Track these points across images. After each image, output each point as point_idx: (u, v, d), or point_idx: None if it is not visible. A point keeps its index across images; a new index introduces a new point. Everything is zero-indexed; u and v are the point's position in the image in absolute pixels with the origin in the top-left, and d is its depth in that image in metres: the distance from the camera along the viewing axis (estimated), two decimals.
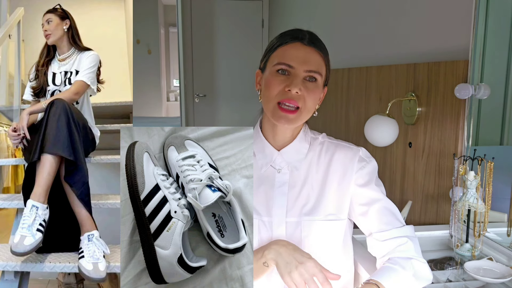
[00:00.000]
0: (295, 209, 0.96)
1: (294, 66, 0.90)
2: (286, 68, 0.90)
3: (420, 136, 1.49)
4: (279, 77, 0.90)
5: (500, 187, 1.14)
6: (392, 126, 1.43)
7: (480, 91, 1.17)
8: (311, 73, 0.90)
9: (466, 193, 1.13)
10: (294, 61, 0.90)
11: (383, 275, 0.87)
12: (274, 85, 0.90)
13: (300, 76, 0.90)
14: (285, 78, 0.90)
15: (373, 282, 0.84)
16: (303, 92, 0.89)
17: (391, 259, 0.90)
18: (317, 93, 0.92)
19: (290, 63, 0.90)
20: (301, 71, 0.90)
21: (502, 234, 1.16)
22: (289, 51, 0.91)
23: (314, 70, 0.90)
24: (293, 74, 0.90)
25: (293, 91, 0.88)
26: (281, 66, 0.90)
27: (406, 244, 0.91)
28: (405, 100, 1.54)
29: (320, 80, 0.92)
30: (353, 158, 0.97)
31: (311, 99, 0.91)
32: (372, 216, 0.95)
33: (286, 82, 0.89)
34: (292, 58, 0.90)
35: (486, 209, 1.12)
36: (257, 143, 1.00)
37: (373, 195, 0.96)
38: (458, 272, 1.09)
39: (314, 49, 0.92)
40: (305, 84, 0.90)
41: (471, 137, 1.25)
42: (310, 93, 0.90)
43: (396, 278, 0.86)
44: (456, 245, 1.20)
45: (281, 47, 0.93)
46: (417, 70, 1.50)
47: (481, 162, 1.13)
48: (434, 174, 1.42)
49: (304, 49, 0.91)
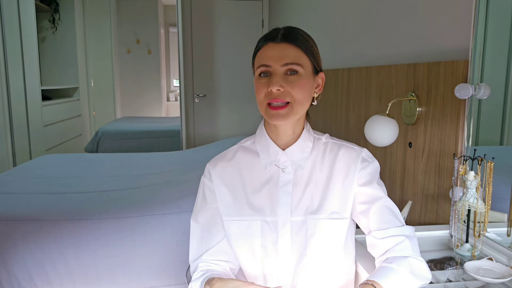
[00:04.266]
0: (300, 208, 0.96)
1: (270, 65, 0.93)
2: (266, 69, 0.93)
3: (420, 136, 1.49)
4: (262, 80, 0.94)
5: (500, 187, 1.14)
6: (392, 126, 1.43)
7: (480, 91, 1.17)
8: (288, 66, 0.92)
9: (466, 193, 1.13)
10: (270, 60, 0.93)
11: (381, 275, 0.87)
12: (259, 89, 0.94)
13: (278, 73, 0.92)
14: (267, 79, 0.93)
15: (370, 283, 0.85)
16: (285, 87, 0.91)
17: (389, 258, 0.91)
18: (304, 84, 0.93)
19: (266, 63, 0.93)
20: (278, 67, 0.92)
21: (502, 234, 1.16)
22: (264, 52, 0.95)
23: (290, 63, 0.92)
24: (273, 73, 0.93)
25: (273, 89, 0.91)
26: (261, 69, 0.94)
27: (404, 243, 0.92)
28: (405, 100, 1.54)
29: (303, 70, 0.94)
30: (357, 158, 0.99)
31: (297, 92, 0.92)
32: (372, 214, 0.95)
33: (268, 83, 0.92)
34: (267, 58, 0.93)
35: (486, 209, 1.12)
36: (261, 142, 1.01)
37: (374, 194, 0.96)
38: (458, 272, 1.09)
39: (287, 44, 0.94)
40: (287, 79, 0.92)
41: (471, 137, 1.25)
42: (294, 86, 0.92)
43: (393, 277, 0.86)
44: (456, 245, 1.20)
45: (259, 52, 0.97)
46: (417, 70, 1.50)
47: (481, 162, 1.13)
48: (434, 174, 1.42)
49: (276, 46, 0.94)
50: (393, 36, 1.82)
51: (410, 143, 1.56)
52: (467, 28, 1.25)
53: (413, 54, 1.64)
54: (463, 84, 1.18)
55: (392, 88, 1.70)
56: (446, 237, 1.30)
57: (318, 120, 2.65)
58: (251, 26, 4.50)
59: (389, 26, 1.85)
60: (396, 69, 1.67)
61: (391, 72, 1.71)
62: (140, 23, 6.93)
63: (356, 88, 2.08)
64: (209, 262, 1.00)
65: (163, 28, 7.74)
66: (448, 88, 1.33)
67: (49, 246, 1.76)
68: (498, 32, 1.24)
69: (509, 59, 1.20)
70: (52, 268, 1.74)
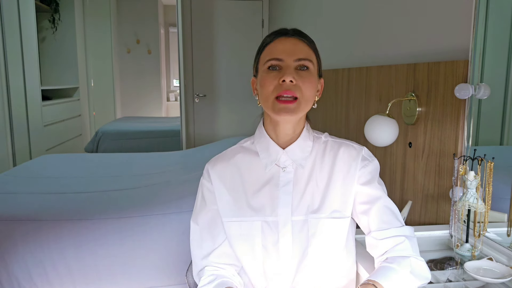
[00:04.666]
0: (301, 208, 0.96)
1: (283, 59, 0.92)
2: (277, 63, 0.92)
3: (420, 136, 1.49)
4: (271, 73, 0.92)
5: (500, 187, 1.14)
6: (392, 126, 1.43)
7: (480, 91, 1.17)
8: (301, 62, 0.92)
9: (466, 193, 1.13)
10: (282, 54, 0.92)
11: (381, 275, 0.87)
12: (268, 81, 0.92)
13: (291, 67, 0.92)
14: (277, 73, 0.92)
15: (371, 283, 0.84)
16: (297, 81, 0.91)
17: (389, 258, 0.91)
18: (313, 81, 0.93)
19: (278, 56, 0.92)
20: (291, 61, 0.92)
21: (502, 234, 1.16)
22: (275, 46, 0.94)
23: (303, 58, 0.92)
24: (284, 66, 0.92)
25: (287, 80, 0.89)
26: (271, 62, 0.93)
27: (404, 243, 0.91)
28: (405, 100, 1.54)
29: (313, 68, 0.94)
30: (357, 157, 0.98)
31: (307, 88, 0.92)
32: (372, 214, 0.95)
33: (279, 75, 0.91)
34: (279, 52, 0.92)
35: (486, 209, 1.12)
36: (261, 142, 1.01)
37: (374, 194, 0.96)
38: (458, 272, 1.09)
39: (299, 39, 0.95)
40: (298, 73, 0.92)
41: (471, 137, 1.25)
42: (305, 81, 0.92)
43: (393, 277, 0.86)
44: (456, 245, 1.20)
45: (268, 46, 0.96)
46: (417, 70, 1.50)
47: (481, 162, 1.13)
48: (434, 174, 1.42)
49: (289, 40, 0.94)
50: (393, 36, 1.82)
51: (410, 143, 1.55)
52: (467, 28, 1.25)
53: (413, 54, 1.64)
54: (463, 84, 1.18)
55: (392, 88, 1.70)
56: (446, 237, 1.30)
57: (318, 120, 2.65)
58: (251, 26, 4.50)
59: (389, 26, 1.85)
60: (396, 69, 1.67)
61: (391, 72, 1.71)
62: (140, 23, 6.93)
63: (356, 88, 2.08)
64: (215, 265, 0.99)
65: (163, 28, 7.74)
66: (448, 88, 1.33)
67: (49, 246, 1.76)
68: (498, 32, 1.24)
69: (509, 59, 1.20)
70: (52, 268, 1.74)
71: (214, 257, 0.99)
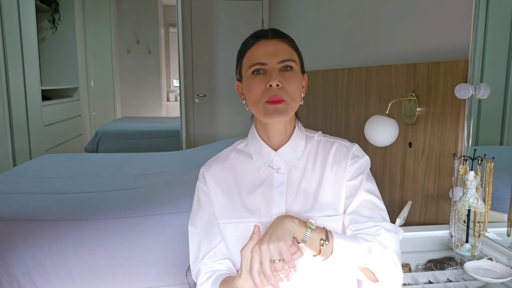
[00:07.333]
0: (295, 207, 0.96)
1: (266, 62, 0.92)
2: (260, 67, 0.93)
3: (420, 136, 1.49)
4: (257, 78, 0.93)
5: (500, 187, 1.14)
6: (392, 126, 1.43)
7: (480, 91, 1.17)
8: (285, 63, 0.93)
9: (466, 193, 1.13)
10: (265, 58, 0.92)
11: (341, 235, 0.86)
12: (255, 86, 0.92)
13: (275, 69, 0.92)
14: (263, 76, 0.92)
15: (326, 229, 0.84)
16: (283, 83, 0.91)
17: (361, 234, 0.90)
18: (297, 80, 0.94)
19: (262, 60, 0.93)
20: (275, 64, 0.92)
21: (502, 234, 1.16)
22: (257, 50, 0.94)
23: (286, 59, 0.93)
24: (269, 70, 0.92)
25: (273, 84, 0.90)
26: (254, 67, 0.93)
27: (380, 232, 0.89)
28: (405, 100, 1.54)
29: (296, 66, 0.95)
30: (347, 154, 0.99)
31: (292, 88, 0.93)
32: (352, 206, 0.94)
33: (265, 79, 0.92)
34: (262, 56, 0.93)
35: (486, 209, 1.12)
36: (254, 144, 1.02)
37: (356, 185, 0.96)
38: (458, 272, 1.09)
39: (279, 40, 0.95)
40: (283, 75, 0.92)
41: (471, 137, 1.25)
42: (290, 82, 0.92)
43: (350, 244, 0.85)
44: (456, 245, 1.20)
45: (249, 51, 0.96)
46: (417, 70, 1.50)
47: (481, 162, 1.13)
48: (434, 174, 1.42)
49: (270, 43, 0.94)
50: (393, 36, 1.82)
51: (410, 143, 1.55)
52: (467, 28, 1.25)
53: (413, 54, 1.64)
54: (463, 84, 1.18)
55: (392, 88, 1.70)
56: (446, 237, 1.30)
57: (318, 120, 2.65)
58: (251, 26, 4.50)
59: (389, 26, 1.85)
60: (396, 69, 1.66)
61: (391, 72, 1.71)
62: (140, 23, 6.93)
63: (356, 88, 2.08)
64: (210, 264, 1.00)
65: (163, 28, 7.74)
66: (448, 88, 1.33)
67: (49, 246, 1.76)
68: (498, 32, 1.24)
69: (509, 59, 1.20)
70: (52, 268, 1.74)
71: (209, 257, 1.00)
